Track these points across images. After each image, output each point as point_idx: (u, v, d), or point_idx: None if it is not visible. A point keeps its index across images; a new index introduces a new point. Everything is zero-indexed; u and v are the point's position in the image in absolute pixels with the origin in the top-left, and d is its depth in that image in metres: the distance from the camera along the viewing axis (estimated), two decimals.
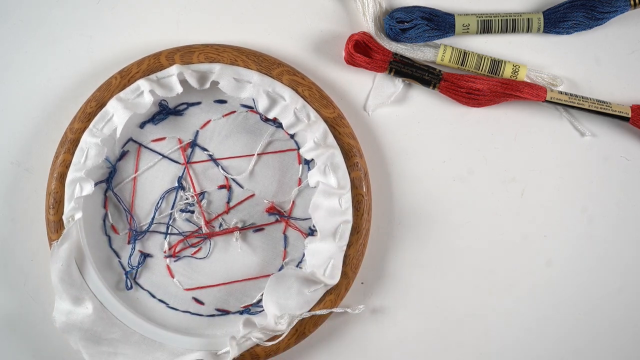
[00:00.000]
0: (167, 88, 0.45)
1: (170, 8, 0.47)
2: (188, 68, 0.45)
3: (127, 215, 0.46)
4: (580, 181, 0.48)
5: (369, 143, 0.47)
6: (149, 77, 0.45)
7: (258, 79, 0.45)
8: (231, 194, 0.47)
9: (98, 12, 0.47)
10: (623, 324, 0.48)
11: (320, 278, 0.44)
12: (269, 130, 0.47)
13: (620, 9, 0.47)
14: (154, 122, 0.47)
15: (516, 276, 0.48)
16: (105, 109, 0.45)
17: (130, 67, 0.45)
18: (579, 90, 0.48)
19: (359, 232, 0.45)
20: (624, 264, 0.48)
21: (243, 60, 0.45)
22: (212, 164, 0.47)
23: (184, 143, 0.47)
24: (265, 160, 0.47)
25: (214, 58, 0.45)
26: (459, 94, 0.46)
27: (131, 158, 0.47)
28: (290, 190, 0.47)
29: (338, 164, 0.45)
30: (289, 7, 0.47)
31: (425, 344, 0.48)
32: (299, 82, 0.45)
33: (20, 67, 0.47)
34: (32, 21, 0.47)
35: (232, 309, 0.46)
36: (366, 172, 0.46)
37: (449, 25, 0.46)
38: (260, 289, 0.46)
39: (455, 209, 0.48)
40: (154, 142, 0.47)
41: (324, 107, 0.46)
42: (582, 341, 0.48)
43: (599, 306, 0.48)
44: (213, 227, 0.47)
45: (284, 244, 0.47)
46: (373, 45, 0.46)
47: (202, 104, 0.47)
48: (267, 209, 0.47)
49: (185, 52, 0.45)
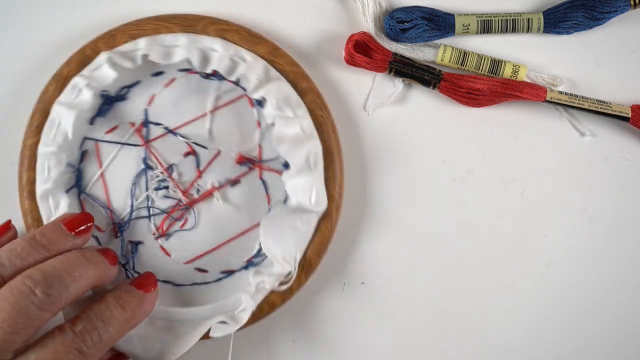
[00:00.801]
0: (101, 78, 0.44)
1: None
2: (116, 52, 0.45)
3: (106, 211, 0.46)
4: (580, 181, 0.48)
5: (369, 143, 0.47)
6: (82, 74, 0.45)
7: (185, 39, 0.45)
8: (198, 158, 0.47)
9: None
10: (623, 324, 0.48)
11: (308, 207, 0.44)
12: (212, 85, 0.47)
13: (620, 9, 0.47)
14: (102, 115, 0.46)
15: (516, 276, 0.48)
16: (50, 118, 0.45)
17: (61, 70, 0.45)
18: (579, 90, 0.48)
19: (330, 152, 0.45)
20: (624, 264, 0.48)
21: (165, 26, 0.45)
22: (170, 135, 0.47)
23: (137, 125, 0.46)
24: (220, 115, 0.47)
25: (136, 34, 0.45)
26: (459, 94, 0.46)
27: (92, 156, 0.46)
28: (253, 135, 0.47)
29: (288, 93, 0.45)
30: (289, 7, 0.47)
31: (425, 345, 0.48)
32: (225, 28, 0.45)
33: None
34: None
35: (235, 267, 0.47)
36: (318, 93, 0.46)
37: (449, 25, 0.46)
38: (256, 239, 0.46)
39: (455, 209, 0.48)
40: (107, 133, 0.46)
41: (257, 45, 0.46)
42: (582, 341, 0.48)
43: (599, 306, 0.48)
44: (192, 195, 0.47)
45: (265, 188, 0.47)
46: (373, 45, 0.46)
47: (142, 82, 0.46)
48: (237, 160, 0.46)
49: (107, 37, 0.45)
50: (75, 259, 0.39)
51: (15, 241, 0.39)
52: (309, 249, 0.45)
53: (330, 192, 0.45)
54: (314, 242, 0.45)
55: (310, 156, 0.45)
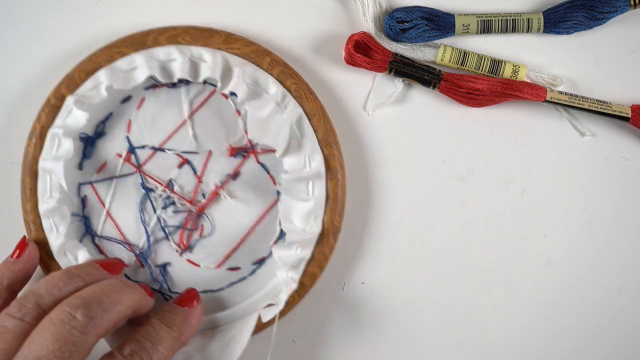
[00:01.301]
0: (75, 123, 0.44)
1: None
2: (80, 93, 0.45)
3: (125, 245, 0.46)
4: (580, 181, 0.48)
5: (368, 143, 0.47)
6: (55, 125, 0.45)
7: (141, 58, 0.45)
8: (193, 165, 0.47)
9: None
10: (623, 324, 0.48)
11: (307, 174, 0.45)
12: (181, 91, 0.47)
13: (620, 9, 0.47)
14: (88, 157, 0.46)
15: (516, 276, 0.48)
16: (40, 177, 0.45)
17: (34, 127, 0.45)
18: (579, 90, 0.48)
19: (314, 114, 0.45)
20: (624, 264, 0.48)
21: (118, 52, 0.45)
22: (159, 152, 0.47)
23: (124, 154, 0.47)
24: (199, 117, 0.47)
25: (93, 69, 0.45)
26: (459, 94, 0.46)
27: (92, 199, 0.47)
28: (236, 125, 0.47)
29: (254, 75, 0.45)
30: (289, 8, 0.47)
31: (425, 345, 0.48)
32: (174, 34, 0.45)
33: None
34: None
35: (265, 253, 0.47)
36: (284, 63, 0.46)
37: (449, 25, 0.46)
38: (274, 220, 0.46)
39: (455, 209, 0.48)
40: (99, 172, 0.47)
41: (210, 38, 0.45)
42: (582, 341, 0.48)
43: (599, 306, 0.48)
44: (199, 202, 0.47)
45: (266, 170, 0.47)
46: (373, 45, 0.46)
47: (113, 112, 0.46)
48: (230, 153, 0.47)
49: (67, 81, 0.45)
50: (113, 283, 0.39)
51: (52, 274, 0.39)
52: (326, 214, 0.45)
53: (325, 152, 0.45)
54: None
55: (293, 125, 0.45)
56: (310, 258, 0.45)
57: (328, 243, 0.45)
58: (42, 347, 0.34)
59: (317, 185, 0.45)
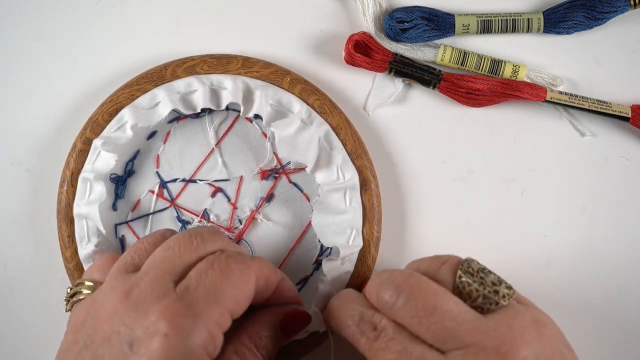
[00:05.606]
0: (104, 165, 0.44)
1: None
2: (105, 135, 0.44)
3: None
4: (580, 181, 0.48)
5: (369, 143, 0.47)
6: (85, 169, 0.44)
7: (162, 92, 0.45)
8: (226, 193, 0.47)
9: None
10: (623, 324, 0.48)
11: (342, 184, 0.44)
12: (205, 120, 0.47)
13: (620, 9, 0.47)
14: (120, 197, 0.46)
15: (516, 276, 0.48)
16: (77, 223, 0.44)
17: (64, 173, 0.45)
18: (579, 90, 0.48)
19: (341, 128, 0.45)
20: (624, 264, 0.48)
21: (138, 89, 0.45)
22: (190, 184, 0.47)
23: (156, 190, 0.47)
24: (226, 144, 0.47)
25: (115, 109, 0.45)
26: (459, 94, 0.46)
27: (130, 238, 0.47)
28: (264, 148, 0.47)
29: (277, 96, 0.45)
30: (289, 8, 0.47)
31: None
32: (192, 64, 0.45)
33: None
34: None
35: (308, 272, 0.47)
36: (304, 80, 0.45)
37: (449, 25, 0.46)
38: (314, 238, 0.46)
39: (455, 209, 0.48)
40: (133, 211, 0.47)
41: (228, 65, 0.45)
42: (582, 341, 0.48)
43: (599, 306, 0.48)
44: (236, 228, 0.47)
45: (299, 189, 0.47)
46: (373, 45, 0.46)
47: (140, 150, 0.47)
48: (261, 177, 0.47)
49: (91, 124, 0.45)
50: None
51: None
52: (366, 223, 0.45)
53: (356, 163, 0.45)
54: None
55: (321, 139, 0.45)
56: (354, 271, 0.45)
57: (370, 254, 0.45)
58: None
59: (353, 197, 0.45)
